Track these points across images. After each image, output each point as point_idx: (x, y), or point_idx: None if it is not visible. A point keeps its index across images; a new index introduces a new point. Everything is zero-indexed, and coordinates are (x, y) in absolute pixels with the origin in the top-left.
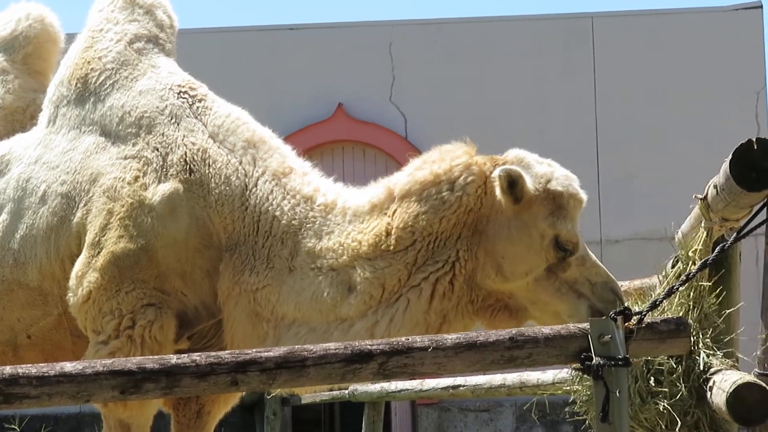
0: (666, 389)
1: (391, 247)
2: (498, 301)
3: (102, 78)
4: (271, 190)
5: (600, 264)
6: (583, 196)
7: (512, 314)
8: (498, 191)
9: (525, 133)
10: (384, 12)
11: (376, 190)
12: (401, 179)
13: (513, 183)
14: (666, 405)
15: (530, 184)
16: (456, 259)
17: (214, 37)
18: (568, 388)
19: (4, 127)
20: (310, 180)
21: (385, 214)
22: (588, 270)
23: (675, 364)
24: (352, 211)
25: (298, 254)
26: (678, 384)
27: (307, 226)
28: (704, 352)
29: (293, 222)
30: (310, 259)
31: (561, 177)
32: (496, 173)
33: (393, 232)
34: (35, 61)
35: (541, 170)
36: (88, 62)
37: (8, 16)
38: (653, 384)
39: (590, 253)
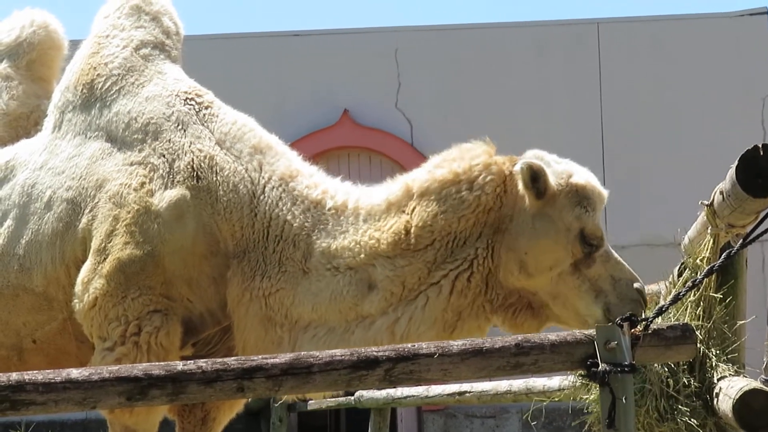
0: (686, 408)
1: (411, 246)
2: (520, 299)
3: (108, 84)
4: (280, 196)
5: (623, 262)
6: (604, 191)
7: (534, 312)
8: (521, 185)
9: (531, 138)
10: (390, 18)
11: (393, 187)
12: (420, 176)
13: (535, 177)
14: (687, 422)
15: (553, 178)
16: (475, 257)
17: (219, 43)
18: (583, 396)
19: (8, 133)
20: (317, 182)
21: (403, 211)
22: (612, 267)
23: (692, 380)
24: (366, 210)
25: (312, 256)
26: (694, 399)
27: (320, 227)
28: (720, 365)
29: (306, 224)
30: (325, 260)
31: (582, 172)
32: (517, 167)
33: (412, 230)
34: (39, 67)
35: (563, 167)
36: (95, 68)
37: (12, 23)
38: (671, 401)
39: (613, 251)
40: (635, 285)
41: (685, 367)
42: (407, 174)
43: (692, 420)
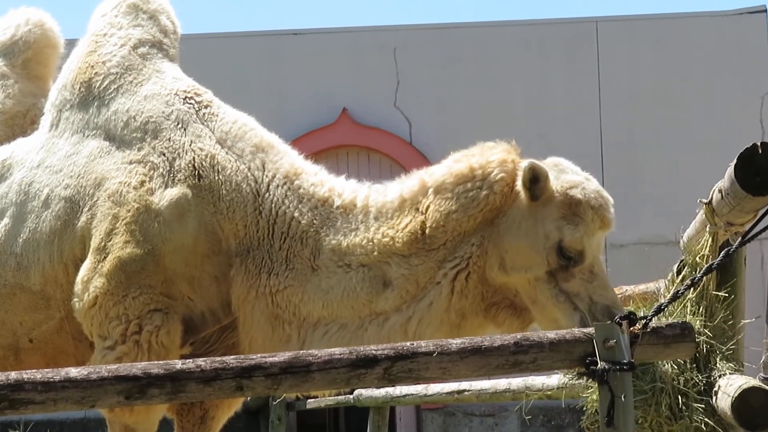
0: (702, 405)
1: (426, 246)
2: (504, 298)
3: (106, 82)
4: (285, 194)
5: (610, 287)
6: (609, 215)
7: (516, 313)
8: (519, 183)
9: (530, 137)
10: (388, 17)
11: (408, 183)
12: (438, 171)
13: (535, 179)
14: (703, 419)
15: (553, 184)
16: (470, 255)
17: (218, 42)
18: (583, 393)
19: (5, 131)
20: (322, 180)
21: (417, 209)
22: (593, 288)
23: (700, 378)
24: (377, 208)
25: (321, 253)
26: (704, 396)
27: (328, 225)
28: (720, 363)
29: (314, 222)
30: (336, 257)
31: (589, 189)
32: (523, 164)
33: (428, 231)
34: (35, 66)
35: (571, 177)
36: (92, 66)
37: (8, 21)
38: (683, 399)
39: (605, 273)
40: (611, 312)
41: (693, 365)
42: (424, 169)
43: (705, 418)
